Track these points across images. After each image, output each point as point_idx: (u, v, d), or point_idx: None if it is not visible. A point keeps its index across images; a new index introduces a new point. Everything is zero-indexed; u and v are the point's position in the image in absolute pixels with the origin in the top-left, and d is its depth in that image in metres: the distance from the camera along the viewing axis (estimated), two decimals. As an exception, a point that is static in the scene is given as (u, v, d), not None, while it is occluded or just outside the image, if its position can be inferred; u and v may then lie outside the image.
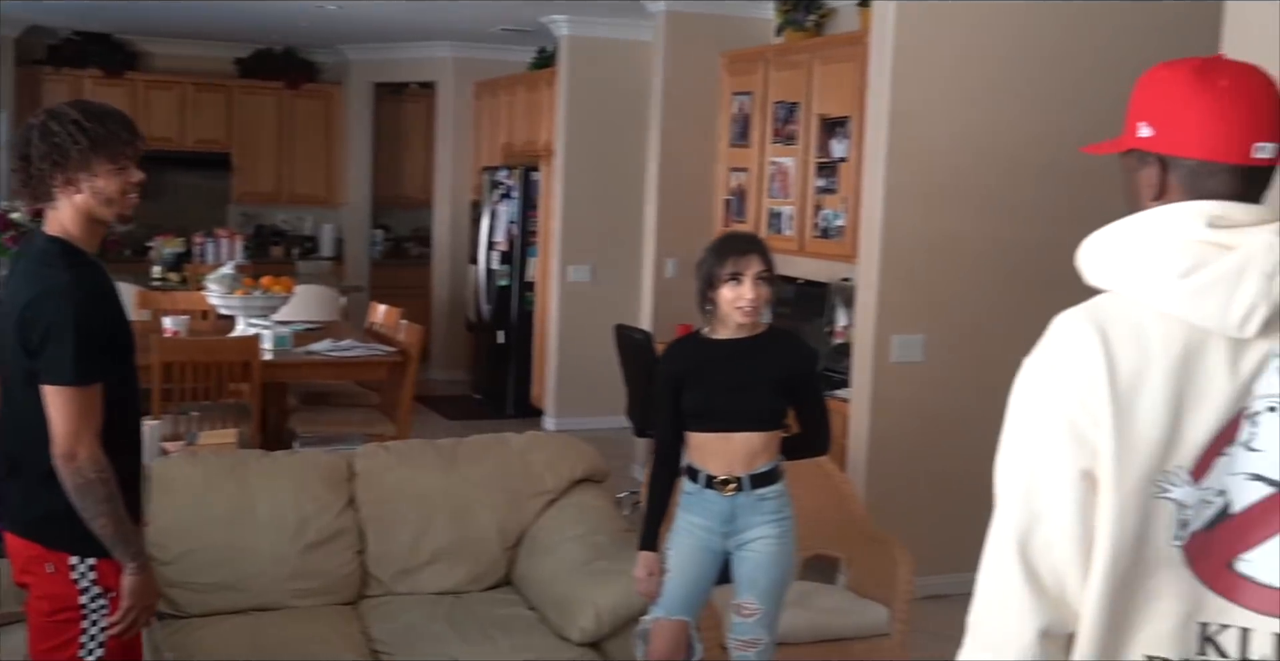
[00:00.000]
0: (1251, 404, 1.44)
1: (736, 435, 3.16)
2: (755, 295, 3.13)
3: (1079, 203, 5.26)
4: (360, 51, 10.17)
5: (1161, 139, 1.52)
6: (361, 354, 6.12)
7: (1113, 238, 1.55)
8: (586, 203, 8.03)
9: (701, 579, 3.25)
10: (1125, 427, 1.44)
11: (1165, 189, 1.53)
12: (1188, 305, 1.44)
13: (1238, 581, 1.45)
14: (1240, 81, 1.50)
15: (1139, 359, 1.45)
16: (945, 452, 5.14)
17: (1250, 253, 1.44)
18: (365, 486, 3.88)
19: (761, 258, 3.15)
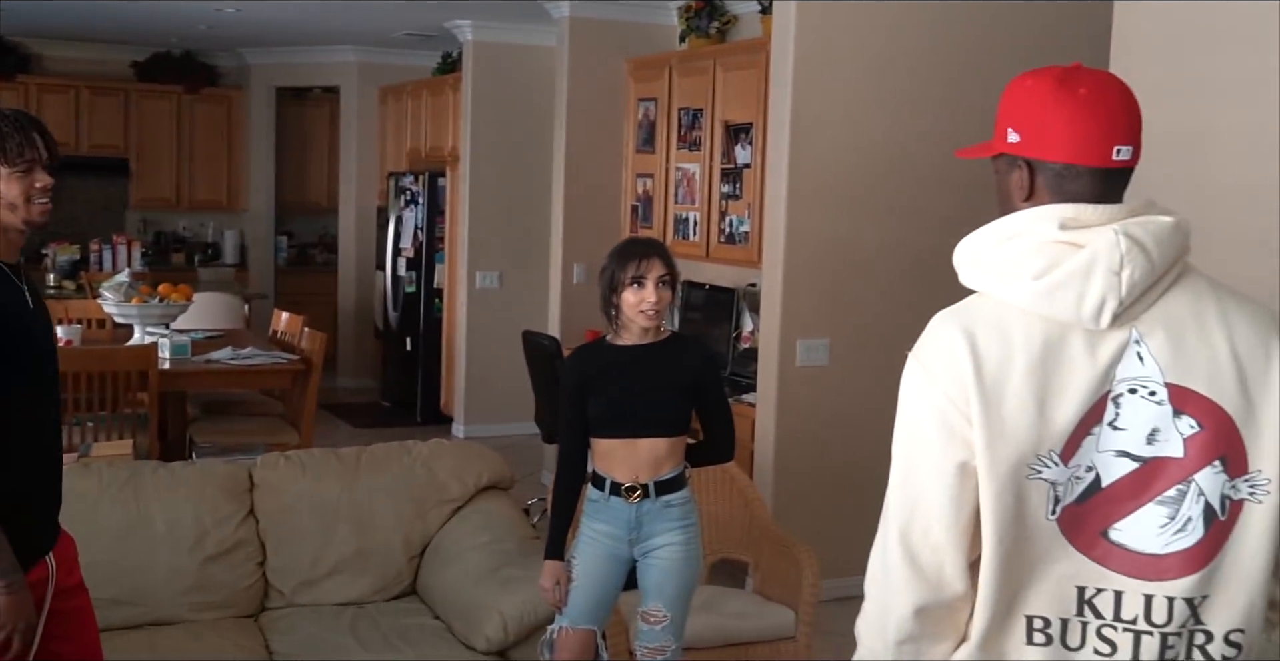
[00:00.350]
0: (1114, 387, 1.55)
1: (642, 441, 3.16)
2: (658, 298, 3.13)
3: (977, 207, 5.33)
4: (261, 55, 10.02)
5: (1028, 144, 1.61)
6: (263, 362, 6.02)
7: (977, 242, 1.65)
8: (493, 208, 7.99)
9: (608, 587, 3.25)
10: (994, 419, 1.54)
11: (1034, 191, 1.63)
12: (1044, 302, 1.54)
13: (1111, 549, 1.56)
14: (1098, 89, 1.59)
15: (1002, 355, 1.55)
16: (850, 455, 5.20)
17: (1096, 250, 1.54)
18: (265, 497, 3.82)
19: (663, 261, 3.16)
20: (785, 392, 5.09)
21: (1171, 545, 1.55)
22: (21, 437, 2.48)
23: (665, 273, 3.15)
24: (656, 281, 3.14)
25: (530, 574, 3.55)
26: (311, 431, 6.21)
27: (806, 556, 3.84)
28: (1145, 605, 1.55)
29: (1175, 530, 1.55)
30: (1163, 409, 1.54)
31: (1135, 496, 1.55)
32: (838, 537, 5.10)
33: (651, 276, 3.13)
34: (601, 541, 3.22)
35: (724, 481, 4.12)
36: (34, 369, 2.47)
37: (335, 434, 8.00)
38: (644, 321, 3.16)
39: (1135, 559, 1.56)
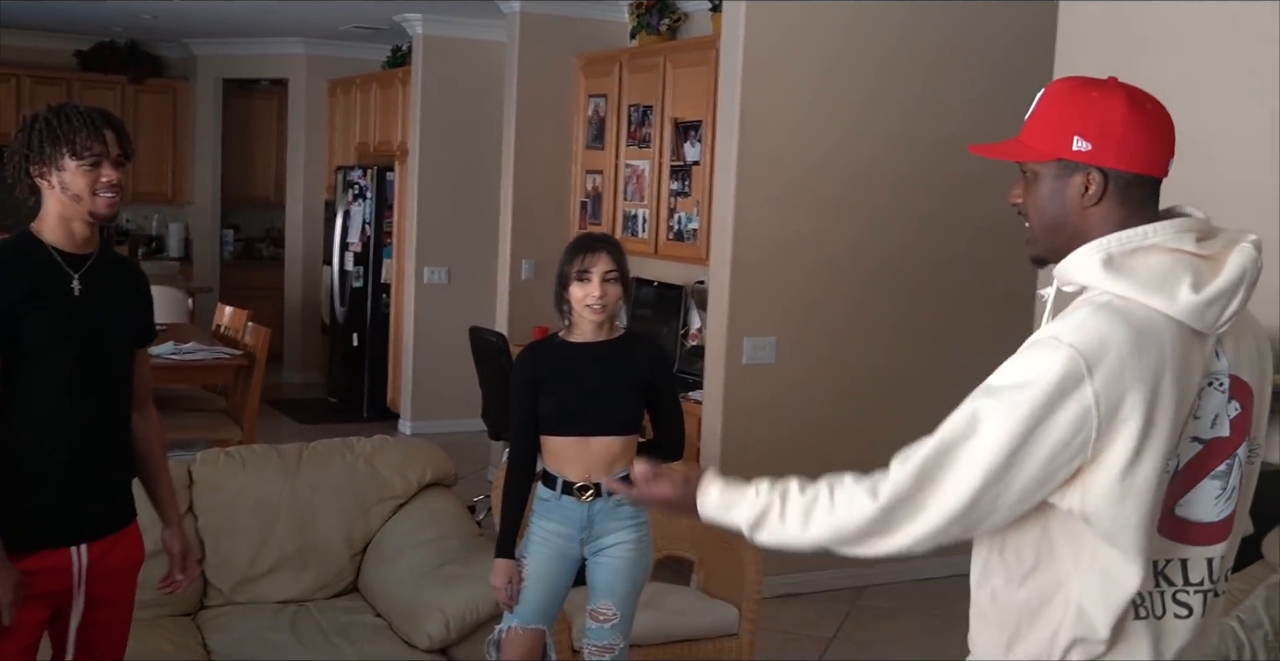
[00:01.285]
0: (1201, 383, 1.69)
1: (595, 440, 3.14)
2: (603, 293, 3.11)
3: (925, 207, 5.39)
4: (207, 46, 9.89)
5: (1104, 153, 1.71)
6: (205, 357, 5.96)
7: (1110, 248, 1.71)
8: (442, 203, 7.94)
9: (558, 587, 3.23)
10: (1150, 421, 1.63)
11: (1103, 196, 1.73)
12: (1197, 314, 1.66)
13: (1176, 523, 1.71)
14: (1158, 105, 1.75)
15: (1159, 362, 1.64)
16: (796, 452, 5.20)
17: (1243, 266, 1.69)
18: (204, 494, 3.77)
19: (611, 257, 3.13)
20: (732, 390, 5.10)
21: (1222, 513, 1.73)
22: (34, 424, 2.52)
23: (612, 269, 3.12)
24: (602, 277, 3.11)
25: (474, 571, 3.52)
26: (255, 427, 6.16)
27: (750, 554, 3.83)
28: (1207, 567, 1.73)
29: (1225, 499, 1.73)
30: (1224, 396, 1.71)
31: (1196, 474, 1.71)
32: (783, 535, 5.12)
33: (597, 271, 3.11)
34: (552, 540, 3.20)
35: (669, 478, 4.10)
36: (60, 358, 2.52)
37: (280, 430, 7.92)
38: (590, 316, 3.14)
39: (1197, 529, 1.72)
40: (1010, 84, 5.39)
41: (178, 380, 6.21)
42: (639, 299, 6.33)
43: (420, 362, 8.04)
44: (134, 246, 10.14)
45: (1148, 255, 1.68)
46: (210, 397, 6.61)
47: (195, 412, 6.32)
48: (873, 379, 5.36)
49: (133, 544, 2.74)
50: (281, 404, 8.92)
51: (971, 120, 5.41)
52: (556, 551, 3.20)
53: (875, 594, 5.28)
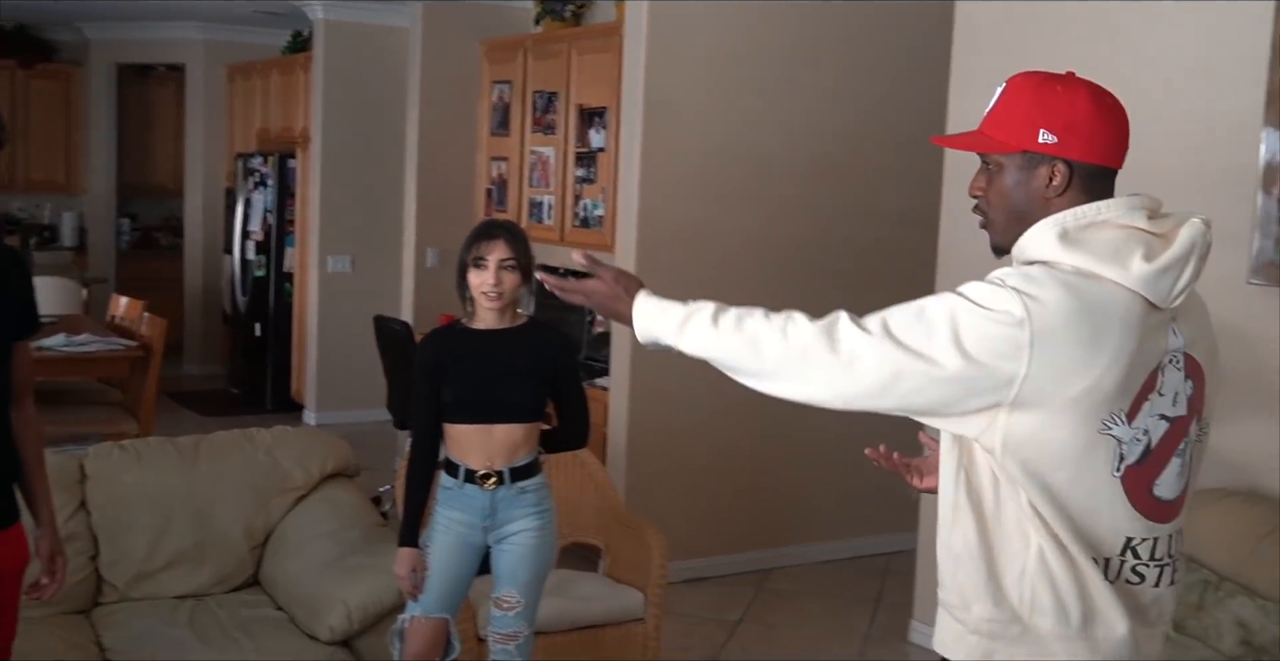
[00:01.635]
0: (1162, 359, 1.75)
1: (497, 427, 3.12)
2: (498, 281, 3.09)
3: (827, 196, 5.44)
4: (102, 31, 9.63)
5: (1070, 146, 1.78)
6: (99, 349, 5.83)
7: (1064, 223, 1.77)
8: (346, 191, 7.84)
9: (462, 576, 3.21)
10: (1082, 371, 1.67)
11: (1067, 187, 1.79)
12: (1150, 284, 1.71)
13: (1153, 502, 1.77)
14: (1116, 101, 1.82)
15: (1105, 322, 1.69)
16: (701, 438, 5.24)
17: (1192, 240, 1.75)
18: (97, 488, 3.68)
19: (510, 244, 3.11)
20: (638, 377, 5.10)
21: (1178, 490, 1.81)
22: None
23: (509, 256, 3.10)
24: (499, 264, 3.09)
25: (376, 562, 3.48)
26: (153, 420, 6.04)
27: (655, 539, 3.85)
28: (1168, 543, 1.81)
29: (1183, 476, 1.81)
30: (1181, 374, 1.78)
31: (1167, 453, 1.78)
32: (688, 520, 5.15)
33: (493, 258, 3.09)
34: (455, 529, 3.17)
35: (575, 466, 4.11)
36: None
37: (181, 423, 7.77)
38: (485, 303, 3.12)
39: (1165, 507, 1.79)
40: (910, 78, 5.47)
41: (71, 373, 6.05)
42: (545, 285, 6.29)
43: (324, 352, 7.93)
44: (25, 236, 9.84)
45: (1101, 230, 1.75)
46: (105, 390, 6.46)
47: (89, 406, 6.17)
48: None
49: (15, 547, 2.62)
50: (182, 396, 8.75)
51: (873, 111, 5.48)
52: (460, 539, 3.18)
53: (780, 577, 5.33)
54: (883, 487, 5.63)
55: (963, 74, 4.42)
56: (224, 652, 3.31)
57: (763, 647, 4.53)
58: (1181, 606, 3.07)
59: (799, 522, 5.51)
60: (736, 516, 5.34)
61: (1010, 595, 1.77)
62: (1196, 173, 3.51)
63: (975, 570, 1.79)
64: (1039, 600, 1.75)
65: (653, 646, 3.83)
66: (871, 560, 5.57)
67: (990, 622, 1.79)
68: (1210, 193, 3.50)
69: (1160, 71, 3.69)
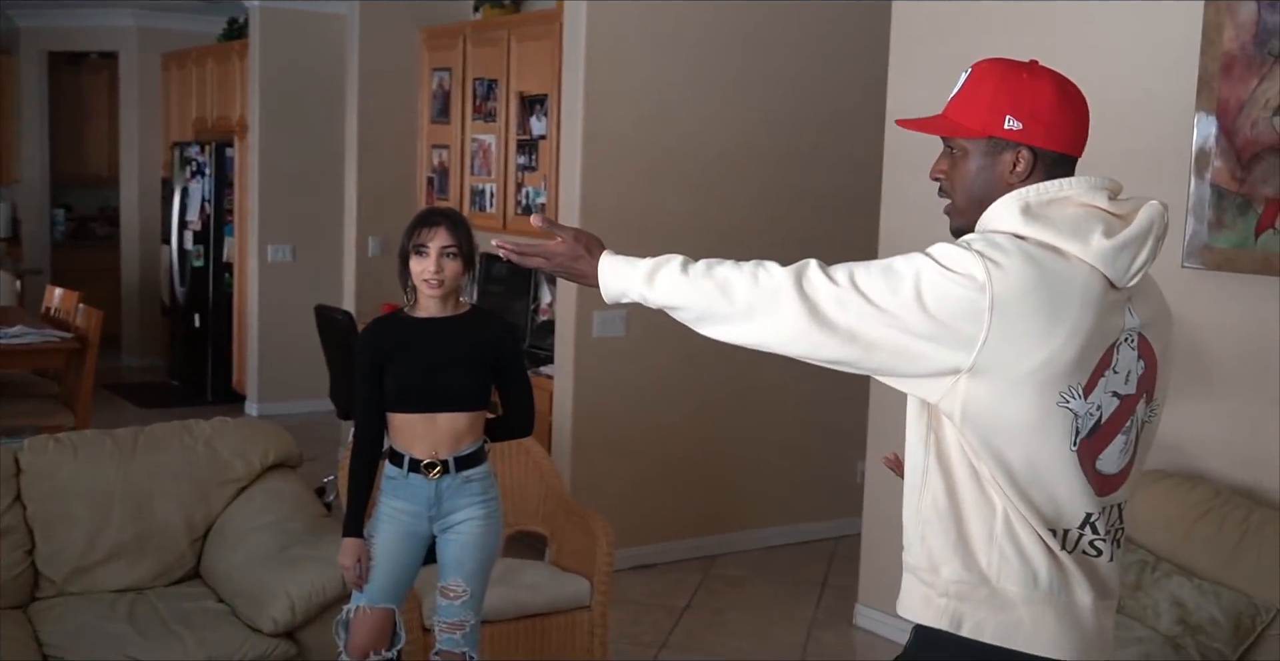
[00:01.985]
0: (1119, 337, 1.78)
1: (440, 416, 3.10)
2: (439, 268, 3.06)
3: (769, 184, 5.44)
4: (32, 17, 9.43)
5: (1034, 133, 1.81)
6: (33, 340, 5.73)
7: (1027, 198, 1.80)
8: (285, 180, 7.74)
9: (407, 566, 3.18)
10: (1039, 341, 1.70)
11: (1030, 173, 1.82)
12: (1108, 259, 1.75)
13: (1098, 476, 1.81)
14: (1078, 91, 1.86)
15: (1065, 292, 1.72)
16: (646, 425, 5.23)
17: (1151, 219, 1.80)
18: (32, 482, 3.62)
19: (451, 231, 3.08)
20: (582, 364, 5.09)
21: (1121, 465, 1.84)
22: None
23: (450, 244, 3.07)
24: (440, 252, 3.06)
25: (319, 553, 3.45)
26: (90, 413, 5.94)
27: (601, 527, 3.84)
28: (1109, 516, 1.84)
29: (1125, 453, 1.84)
30: (1134, 353, 1.82)
31: (1114, 429, 1.81)
32: (633, 507, 5.15)
33: (434, 246, 3.06)
34: (400, 518, 3.15)
35: (520, 454, 4.09)
36: None
37: (120, 415, 7.65)
38: (426, 291, 3.09)
39: (1106, 480, 1.82)
40: (847, 61, 5.49)
41: (4, 365, 5.96)
42: (490, 274, 6.26)
43: (266, 343, 7.84)
44: (-44, 227, 9.66)
45: (1064, 206, 1.79)
46: (40, 383, 6.35)
47: (24, 399, 6.06)
48: (719, 350, 5.38)
49: None
50: (120, 388, 8.62)
51: (812, 96, 5.49)
52: (405, 529, 3.15)
53: (726, 563, 5.34)
54: (827, 473, 5.67)
55: (902, 59, 4.44)
56: (165, 646, 3.26)
57: (710, 633, 4.54)
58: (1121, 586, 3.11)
59: (745, 509, 5.53)
60: (682, 503, 5.34)
61: (979, 558, 1.79)
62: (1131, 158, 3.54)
63: (944, 532, 1.80)
64: (1007, 564, 1.77)
65: (599, 633, 3.83)
66: (817, 545, 5.59)
67: (959, 584, 1.80)
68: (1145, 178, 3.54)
69: (1095, 58, 3.72)
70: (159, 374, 9.14)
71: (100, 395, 6.94)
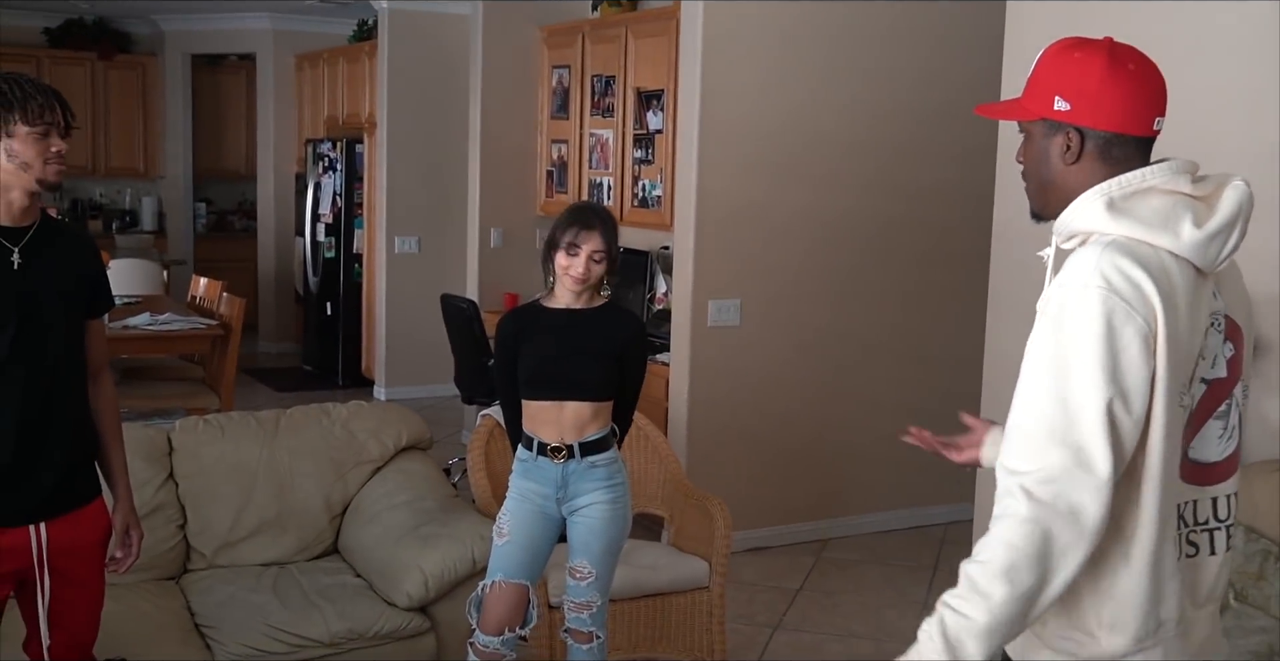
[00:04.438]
0: (1208, 322, 1.71)
1: (567, 404, 3.14)
2: (586, 270, 3.10)
3: (878, 172, 5.38)
4: (175, 22, 9.71)
5: (1080, 113, 1.72)
6: (181, 327, 5.91)
7: (1111, 192, 1.70)
8: (411, 174, 7.86)
9: (539, 544, 3.21)
10: (1170, 349, 1.62)
11: (1081, 156, 1.74)
12: (1200, 250, 1.66)
13: (1188, 465, 1.72)
14: (1142, 64, 1.73)
15: (1170, 292, 1.63)
16: (760, 411, 5.22)
17: (1239, 203, 1.70)
18: (184, 460, 3.73)
19: (604, 238, 3.11)
20: (698, 352, 5.09)
21: (1225, 452, 1.75)
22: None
23: (602, 249, 3.10)
24: (590, 255, 3.09)
25: (450, 531, 3.51)
26: (232, 395, 6.11)
27: (718, 509, 3.84)
28: (1212, 507, 1.74)
29: (1227, 438, 1.75)
30: (1221, 337, 1.74)
31: (1203, 415, 1.73)
32: (747, 491, 5.14)
33: (586, 248, 3.09)
34: (531, 499, 3.19)
35: (640, 439, 4.11)
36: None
37: (257, 398, 7.88)
38: (568, 284, 3.13)
39: (1203, 469, 1.73)
40: (966, 52, 5.39)
41: (155, 350, 6.15)
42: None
43: (393, 330, 7.98)
44: (108, 220, 10.00)
45: (1147, 197, 1.69)
46: (187, 367, 6.55)
47: (173, 382, 6.26)
48: (833, 336, 5.36)
49: (96, 520, 2.64)
50: (258, 373, 8.85)
51: (928, 87, 5.40)
52: (536, 509, 3.20)
53: (839, 546, 5.31)
54: (938, 459, 5.58)
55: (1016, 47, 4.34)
56: (307, 617, 3.35)
57: (822, 615, 4.52)
58: (1243, 576, 3.02)
59: (857, 493, 5.48)
60: (796, 487, 5.32)
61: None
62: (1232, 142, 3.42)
63: None
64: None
65: (717, 613, 3.83)
66: (929, 530, 5.53)
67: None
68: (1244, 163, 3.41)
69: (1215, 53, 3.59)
70: (293, 359, 9.37)
71: (239, 379, 7.12)
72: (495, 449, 3.94)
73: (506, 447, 3.86)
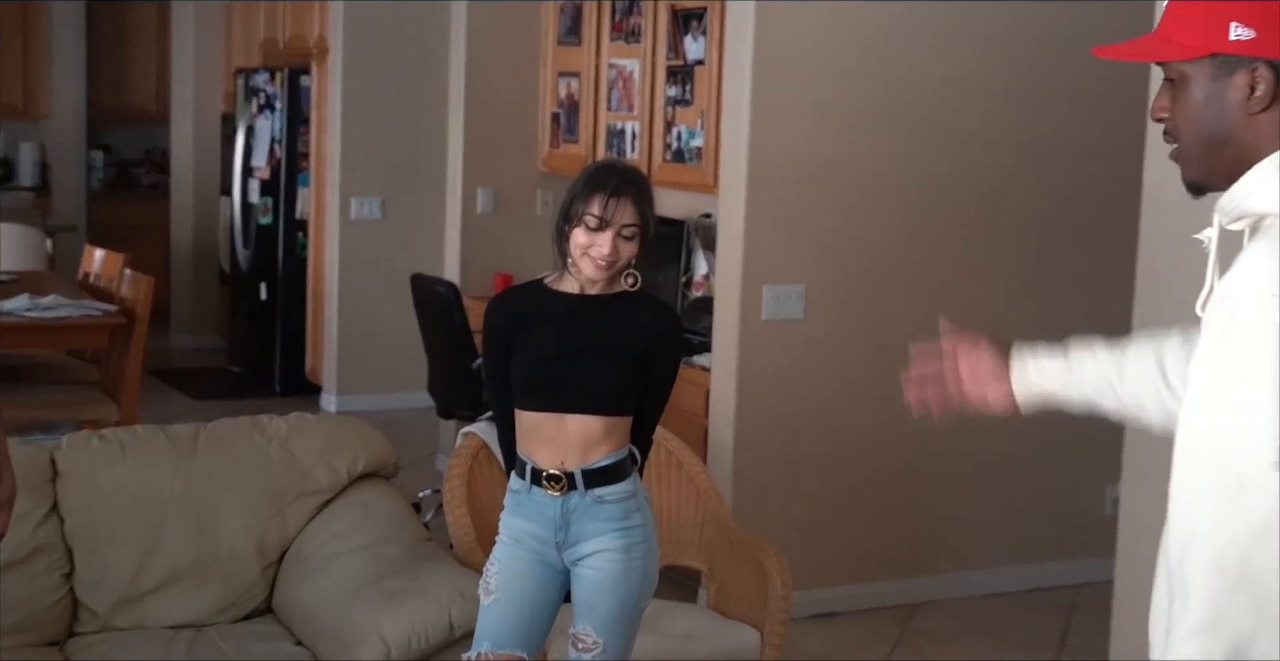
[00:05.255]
0: None
1: (569, 418, 3.12)
2: (613, 251, 3.08)
3: (988, 120, 5.35)
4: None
5: (1268, 41, 1.71)
6: (70, 314, 5.94)
7: None
8: (374, 117, 7.89)
9: (538, 602, 3.21)
10: None
11: (1274, 100, 1.72)
12: None
13: None
14: None
15: None
16: (829, 433, 5.20)
17: None
18: (73, 488, 3.74)
19: (637, 207, 3.08)
20: (748, 354, 5.08)
21: None
22: None
23: (635, 222, 3.08)
24: (620, 231, 3.07)
25: (421, 585, 3.51)
26: (136, 404, 6.14)
27: (774, 561, 3.83)
28: None
29: None
30: None
31: None
32: (814, 538, 5.12)
33: (616, 224, 3.07)
34: (526, 543, 3.19)
35: (671, 468, 4.10)
36: None
37: (169, 407, 7.94)
38: (589, 270, 3.10)
39: None
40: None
41: (36, 344, 6.19)
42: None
43: (348, 321, 8.01)
44: (-26, 173, 10.08)
45: None
46: (78, 366, 6.58)
47: (59, 385, 6.30)
48: (925, 335, 5.31)
49: None
50: (170, 374, 8.91)
51: (1045, 10, 5.36)
52: (532, 556, 3.19)
53: (933, 612, 5.31)
54: (1066, 500, 5.57)
55: None
56: (232, 698, 3.36)
57: (909, 703, 4.52)
58: None
59: (957, 544, 5.47)
60: (876, 535, 5.30)
61: None
62: None
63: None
64: None
65: (770, 699, 3.83)
66: (1052, 594, 5.52)
67: None
68: None
69: None
70: (217, 358, 9.42)
71: (145, 382, 7.15)
72: (481, 477, 3.94)
73: (494, 475, 3.86)
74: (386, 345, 7.81)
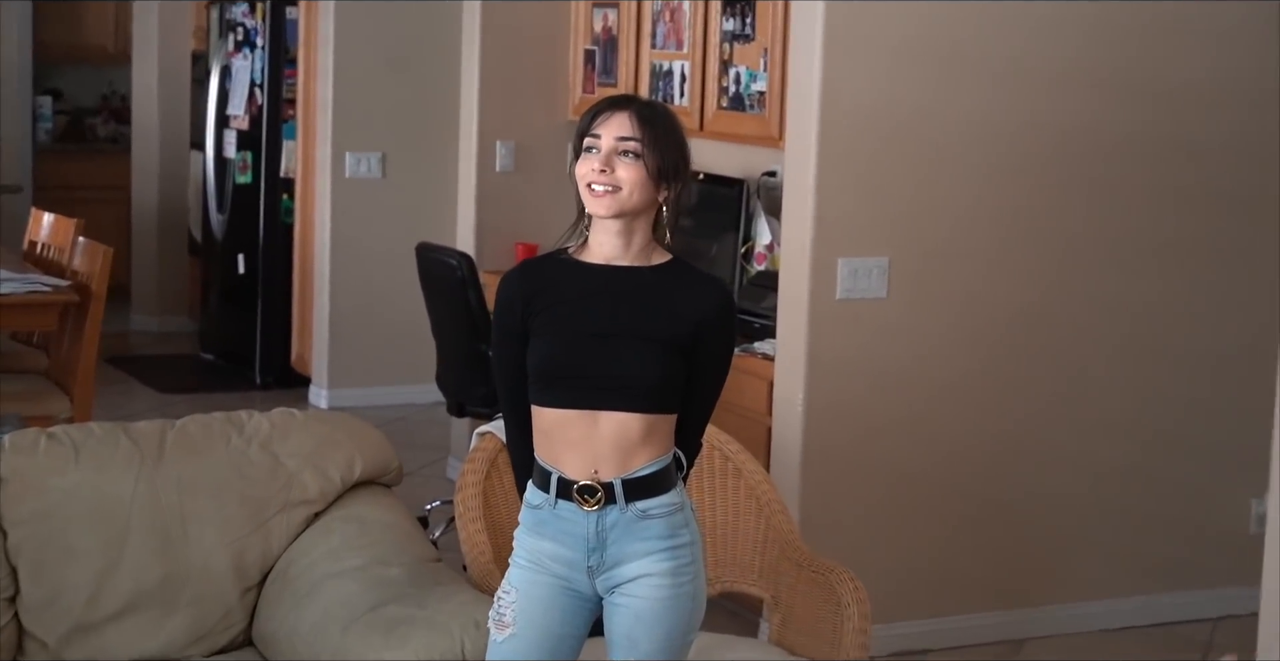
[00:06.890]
0: None
1: (604, 416, 3.11)
2: (609, 168, 3.05)
3: (1110, 64, 5.32)
4: None
5: None
6: (14, 290, 5.97)
7: None
8: (372, 56, 7.93)
9: (564, 636, 3.21)
10: None
11: None
12: None
13: None
14: None
15: None
16: (915, 436, 5.20)
17: None
18: (16, 497, 3.75)
19: (636, 120, 3.06)
20: (819, 340, 5.07)
21: None
22: None
23: (632, 135, 3.06)
24: (615, 147, 3.05)
25: (430, 614, 3.53)
26: (92, 396, 6.17)
27: (850, 589, 3.83)
28: None
29: None
30: None
31: None
32: (897, 562, 5.12)
33: (608, 136, 3.06)
34: (548, 567, 3.18)
35: (726, 474, 4.11)
36: None
37: (130, 401, 7.99)
38: (590, 204, 3.08)
39: None
40: None
41: (-27, 325, 6.22)
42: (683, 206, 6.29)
43: (342, 299, 8.06)
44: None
45: None
46: (24, 352, 6.63)
47: (1, 375, 6.33)
48: (1033, 319, 5.33)
49: None
50: (132, 362, 8.98)
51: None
52: (556, 583, 3.19)
53: (1042, 648, 5.32)
54: (1202, 519, 5.55)
55: None
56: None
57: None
58: None
59: (1069, 571, 5.46)
60: (972, 559, 5.30)
61: None
62: None
63: None
64: None
65: (846, 751, 3.84)
66: (1184, 628, 5.52)
67: None
68: None
69: None
70: (186, 343, 9.49)
71: (103, 371, 7.20)
72: (500, 486, 3.95)
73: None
74: (387, 329, 7.85)
